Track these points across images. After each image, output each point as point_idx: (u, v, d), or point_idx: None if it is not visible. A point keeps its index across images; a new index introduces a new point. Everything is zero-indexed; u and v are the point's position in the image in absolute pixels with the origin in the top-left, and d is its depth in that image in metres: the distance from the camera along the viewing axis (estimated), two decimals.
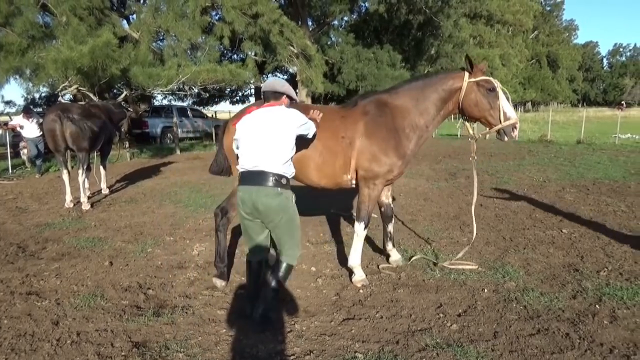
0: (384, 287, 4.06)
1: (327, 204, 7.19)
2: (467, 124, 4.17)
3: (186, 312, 3.62)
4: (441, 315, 3.47)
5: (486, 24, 44.82)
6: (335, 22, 29.52)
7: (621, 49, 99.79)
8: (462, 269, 4.35)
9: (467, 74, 3.90)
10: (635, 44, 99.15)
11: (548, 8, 72.85)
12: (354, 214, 5.41)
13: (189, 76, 11.91)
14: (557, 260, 4.60)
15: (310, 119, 3.51)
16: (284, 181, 3.19)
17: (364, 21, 30.94)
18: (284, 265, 3.33)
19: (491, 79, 3.87)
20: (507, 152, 14.56)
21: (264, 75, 34.20)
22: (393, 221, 4.71)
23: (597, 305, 3.51)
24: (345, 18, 30.55)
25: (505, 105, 3.83)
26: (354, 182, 4.06)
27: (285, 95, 3.37)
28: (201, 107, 34.20)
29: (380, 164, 3.92)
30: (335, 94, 26.24)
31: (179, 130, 19.18)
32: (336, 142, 3.90)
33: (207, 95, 32.52)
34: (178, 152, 16.55)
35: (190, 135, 22.44)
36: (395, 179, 4.26)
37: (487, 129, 4.01)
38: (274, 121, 3.21)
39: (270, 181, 3.13)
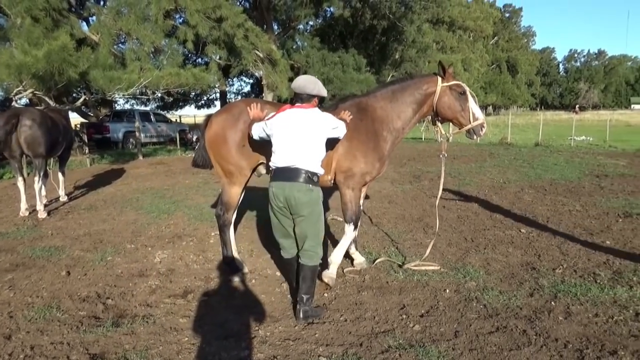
0: (348, 290, 4.09)
1: None
2: (438, 124, 4.40)
3: (147, 322, 3.54)
4: (404, 316, 3.51)
5: (448, 29, 45.93)
6: (301, 27, 29.60)
7: (576, 55, 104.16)
8: (425, 270, 4.42)
9: (440, 78, 4.14)
10: (589, 50, 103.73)
11: (507, 15, 75.30)
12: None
13: (151, 80, 11.66)
14: (516, 259, 4.74)
15: (340, 119, 3.71)
16: (315, 179, 3.40)
17: (329, 25, 31.11)
18: (305, 268, 3.46)
19: (461, 83, 4.14)
20: (469, 154, 14.91)
21: (228, 80, 33.90)
22: (359, 224, 4.75)
23: (552, 302, 3.63)
24: (311, 22, 30.67)
25: (474, 107, 4.10)
26: (332, 181, 4.21)
27: (316, 97, 3.51)
28: (165, 112, 33.60)
29: (360, 165, 4.07)
30: None
31: (142, 135, 18.77)
32: None
33: (171, 99, 31.96)
34: (141, 157, 16.18)
35: (154, 140, 21.97)
36: (374, 179, 4.43)
37: (458, 129, 4.27)
38: (310, 123, 3.40)
39: (303, 178, 3.33)
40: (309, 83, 3.47)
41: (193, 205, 7.68)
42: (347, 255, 4.79)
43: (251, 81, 44.59)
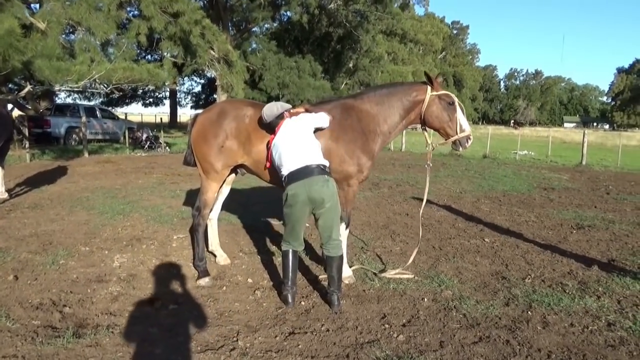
0: (326, 298, 3.96)
1: (259, 213, 6.99)
2: (425, 133, 4.40)
3: (112, 332, 3.25)
4: (386, 326, 3.43)
5: (400, 41, 47.15)
6: (257, 29, 29.30)
7: (516, 74, 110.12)
8: (400, 278, 4.39)
9: (429, 87, 4.11)
10: (527, 70, 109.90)
11: (455, 31, 78.43)
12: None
13: (103, 73, 11.04)
14: (485, 268, 4.81)
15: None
16: (327, 169, 3.63)
17: (286, 30, 31.05)
18: (335, 259, 3.68)
19: (450, 93, 4.13)
20: (423, 164, 15.18)
21: (179, 78, 32.96)
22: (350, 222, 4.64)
23: (529, 312, 3.68)
24: (267, 25, 30.47)
25: (461, 118, 4.09)
26: None
27: (284, 112, 3.86)
28: (110, 108, 32.17)
29: (350, 164, 4.04)
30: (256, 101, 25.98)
31: (87, 131, 17.77)
32: None
33: (118, 95, 30.63)
34: (86, 154, 15.29)
35: (99, 137, 20.85)
36: (365, 179, 4.37)
37: (444, 139, 4.25)
38: (296, 125, 3.74)
39: (318, 171, 3.52)
40: (272, 108, 3.84)
41: (150, 206, 7.29)
42: (322, 262, 4.69)
43: (202, 81, 43.67)
